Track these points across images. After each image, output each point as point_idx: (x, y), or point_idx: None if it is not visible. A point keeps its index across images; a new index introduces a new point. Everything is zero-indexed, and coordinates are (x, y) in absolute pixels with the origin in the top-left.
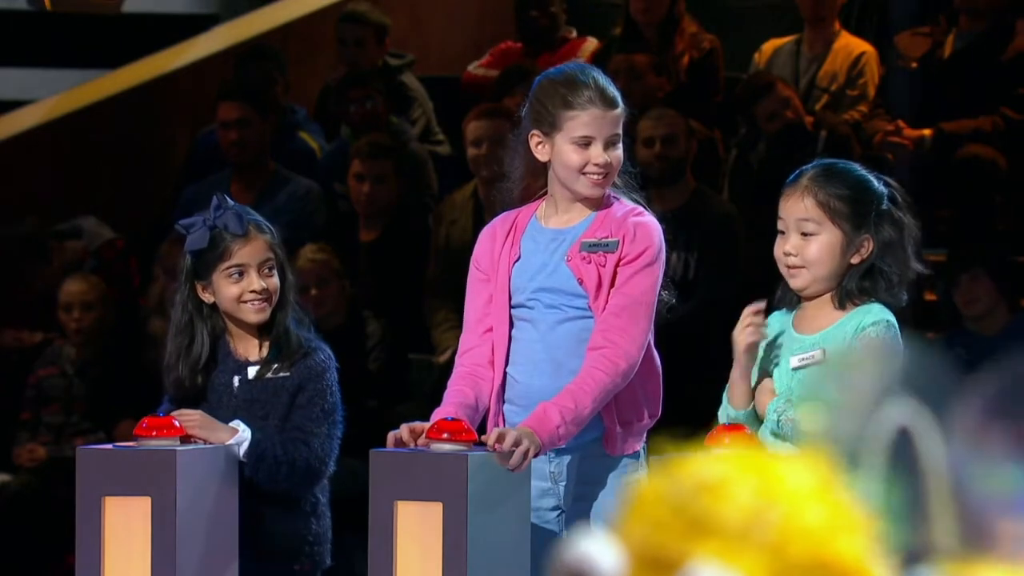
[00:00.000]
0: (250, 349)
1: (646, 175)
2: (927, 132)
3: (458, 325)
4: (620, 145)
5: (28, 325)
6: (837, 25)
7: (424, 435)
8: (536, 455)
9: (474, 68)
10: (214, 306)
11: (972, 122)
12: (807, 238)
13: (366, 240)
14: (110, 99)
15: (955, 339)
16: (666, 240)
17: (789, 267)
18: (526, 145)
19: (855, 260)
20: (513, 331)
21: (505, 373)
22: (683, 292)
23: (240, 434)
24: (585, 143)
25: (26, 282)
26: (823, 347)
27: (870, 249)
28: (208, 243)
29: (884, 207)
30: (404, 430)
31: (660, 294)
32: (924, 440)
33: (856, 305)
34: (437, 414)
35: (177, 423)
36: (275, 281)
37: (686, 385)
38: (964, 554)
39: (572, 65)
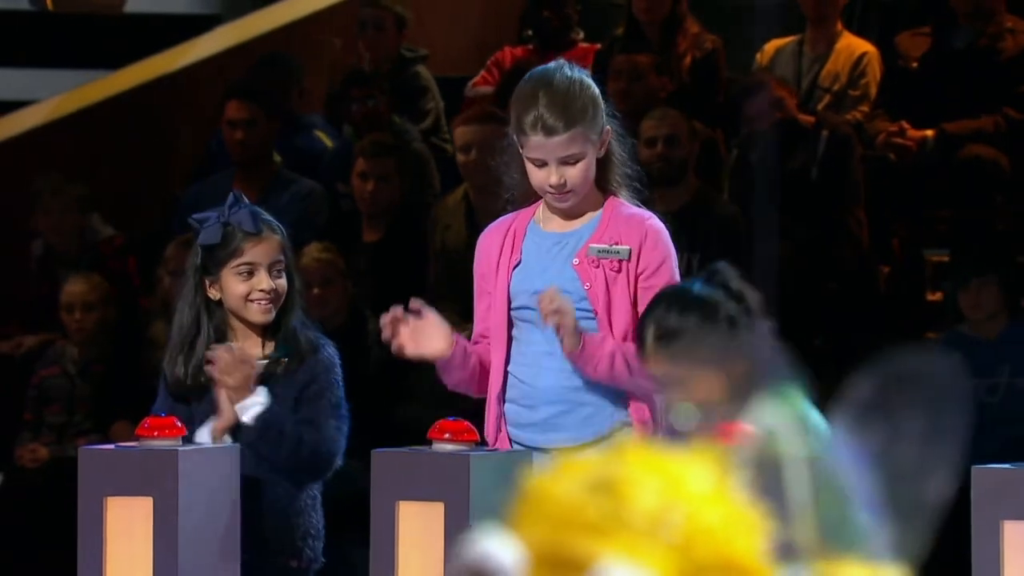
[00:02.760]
0: (254, 347)
1: (648, 175)
2: (929, 133)
3: (458, 325)
4: (582, 161)
5: (28, 325)
6: (839, 25)
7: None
8: (568, 346)
9: (470, 91)
10: (219, 303)
11: (974, 122)
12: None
13: (369, 240)
14: (112, 100)
15: (952, 341)
16: (671, 236)
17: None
18: (516, 146)
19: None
20: (514, 332)
21: (506, 373)
22: None
23: (255, 397)
24: (539, 164)
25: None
26: None
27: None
28: (220, 239)
29: (730, 315)
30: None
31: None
32: (786, 441)
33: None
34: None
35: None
36: (283, 283)
37: None
38: (826, 553)
39: (538, 75)
